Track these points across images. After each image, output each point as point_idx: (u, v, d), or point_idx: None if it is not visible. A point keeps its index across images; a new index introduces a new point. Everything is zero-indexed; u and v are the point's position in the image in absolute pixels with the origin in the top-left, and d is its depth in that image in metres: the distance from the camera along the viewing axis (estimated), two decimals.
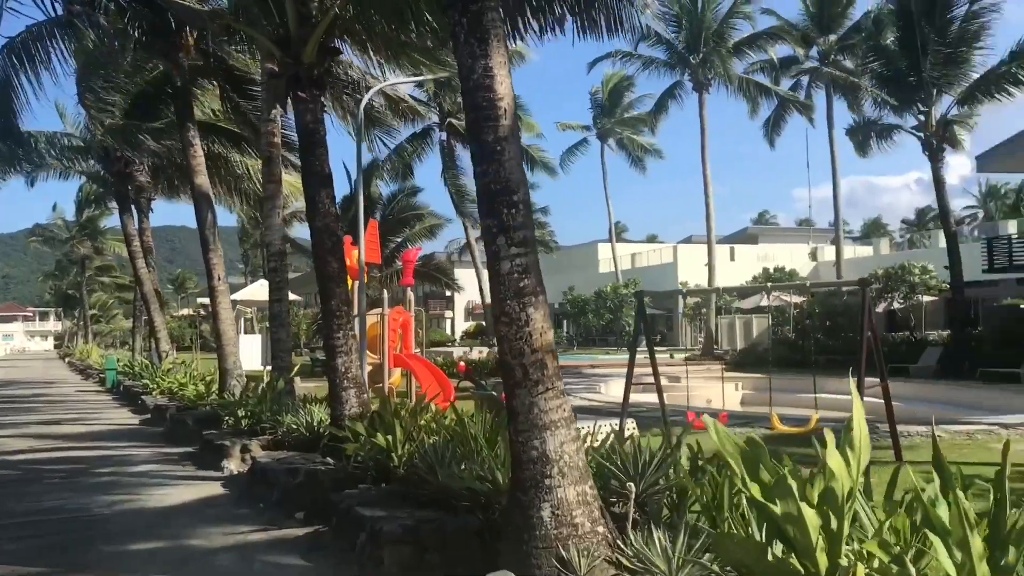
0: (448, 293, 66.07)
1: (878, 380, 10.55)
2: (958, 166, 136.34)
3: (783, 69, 37.16)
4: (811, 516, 3.60)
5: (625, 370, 33.75)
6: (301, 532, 7.75)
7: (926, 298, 38.20)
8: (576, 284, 57.04)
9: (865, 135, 27.91)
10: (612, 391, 24.98)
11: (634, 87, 51.40)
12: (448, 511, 6.50)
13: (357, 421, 9.28)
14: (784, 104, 37.42)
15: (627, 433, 12.89)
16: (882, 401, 11.02)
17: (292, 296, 25.38)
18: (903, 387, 22.68)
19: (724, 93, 35.80)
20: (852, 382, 4.87)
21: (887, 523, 3.92)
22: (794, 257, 58.16)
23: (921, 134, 25.70)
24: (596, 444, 7.45)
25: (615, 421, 13.00)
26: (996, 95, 24.19)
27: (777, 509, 3.66)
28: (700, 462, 6.11)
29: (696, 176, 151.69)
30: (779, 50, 37.42)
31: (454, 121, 33.50)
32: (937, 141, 25.23)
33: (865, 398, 10.78)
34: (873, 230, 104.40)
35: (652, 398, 24.57)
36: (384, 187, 35.46)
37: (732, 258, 58.53)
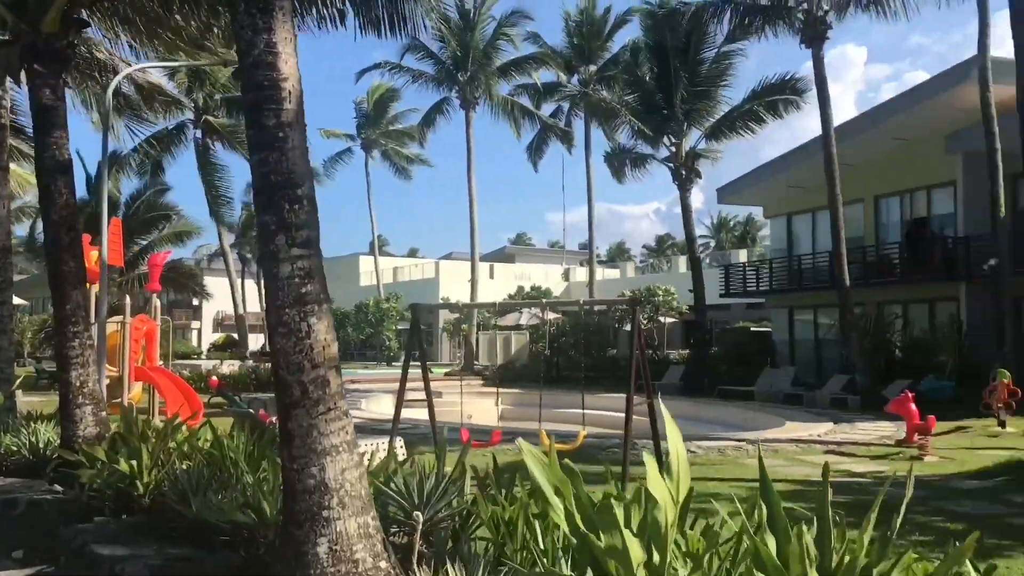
0: (196, 302, 62.40)
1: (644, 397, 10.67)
2: (694, 198, 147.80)
3: (546, 94, 38.23)
4: (636, 550, 3.28)
5: (387, 385, 33.11)
6: (20, 575, 6.59)
7: (668, 319, 40.68)
8: (336, 297, 55.51)
9: (621, 163, 29.18)
10: (374, 407, 24.36)
11: (399, 99, 51.13)
12: (205, 547, 5.69)
13: (95, 443, 8.13)
14: (546, 129, 38.52)
15: (396, 453, 12.35)
16: (643, 418, 11.20)
17: (17, 300, 22.68)
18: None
19: (491, 113, 36.32)
20: (659, 402, 4.62)
21: (706, 557, 3.68)
22: (549, 277, 60.12)
23: (672, 164, 27.19)
24: (370, 467, 6.90)
25: (380, 439, 12.45)
26: (739, 131, 26.04)
27: (601, 541, 3.31)
28: (489, 487, 5.73)
29: (459, 193, 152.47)
30: (543, 75, 38.61)
31: (211, 119, 31.58)
32: (686, 171, 26.80)
33: (610, 414, 10.98)
34: (618, 254, 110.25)
35: (417, 414, 24.19)
36: (128, 184, 32.78)
37: (492, 275, 59.56)
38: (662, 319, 38.34)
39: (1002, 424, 15.49)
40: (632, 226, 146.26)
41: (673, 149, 27.04)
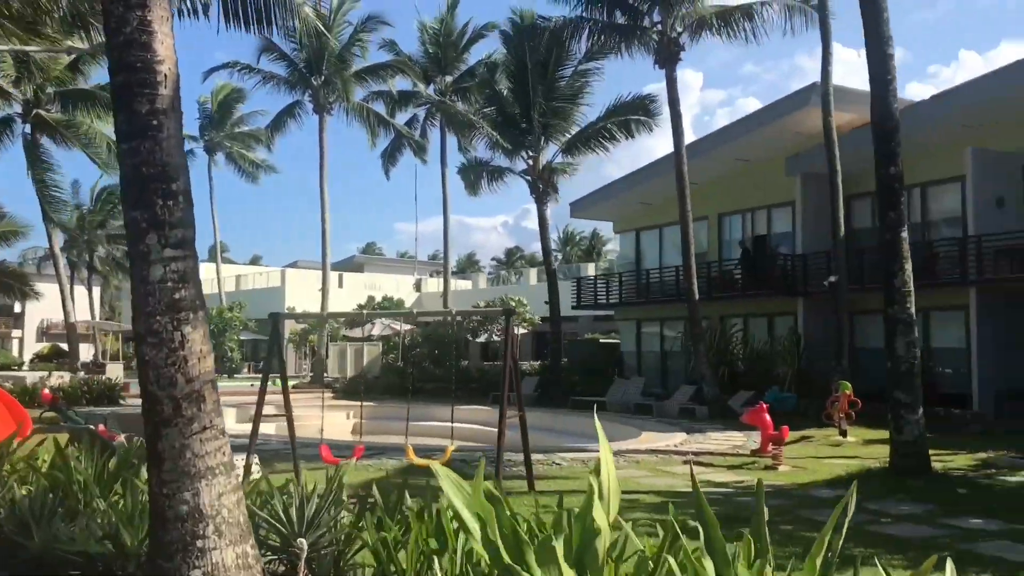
0: (17, 309, 58.14)
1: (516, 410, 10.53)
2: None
3: (402, 103, 37.78)
4: None
5: (231, 398, 31.74)
6: None
7: (521, 331, 40.91)
8: None
9: (477, 175, 29.12)
10: (228, 421, 23.16)
11: (245, 100, 49.41)
12: None
13: None
14: (400, 137, 38.04)
15: (252, 471, 11.71)
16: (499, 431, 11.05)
17: None
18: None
19: (345, 119, 35.52)
20: (596, 420, 4.42)
21: None
22: (400, 287, 59.53)
23: (529, 177, 27.35)
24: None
25: (234, 457, 11.79)
26: (594, 148, 26.48)
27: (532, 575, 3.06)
28: (372, 510, 5.37)
29: (305, 199, 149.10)
30: (400, 84, 38.17)
31: (43, 113, 29.40)
32: (543, 185, 27.01)
33: (467, 426, 10.81)
34: (468, 266, 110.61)
35: (265, 429, 23.23)
36: None
37: (341, 285, 58.39)
38: (516, 330, 38.49)
39: (843, 434, 16.25)
40: (481, 238, 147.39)
41: (531, 162, 27.19)
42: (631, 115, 25.80)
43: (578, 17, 23.23)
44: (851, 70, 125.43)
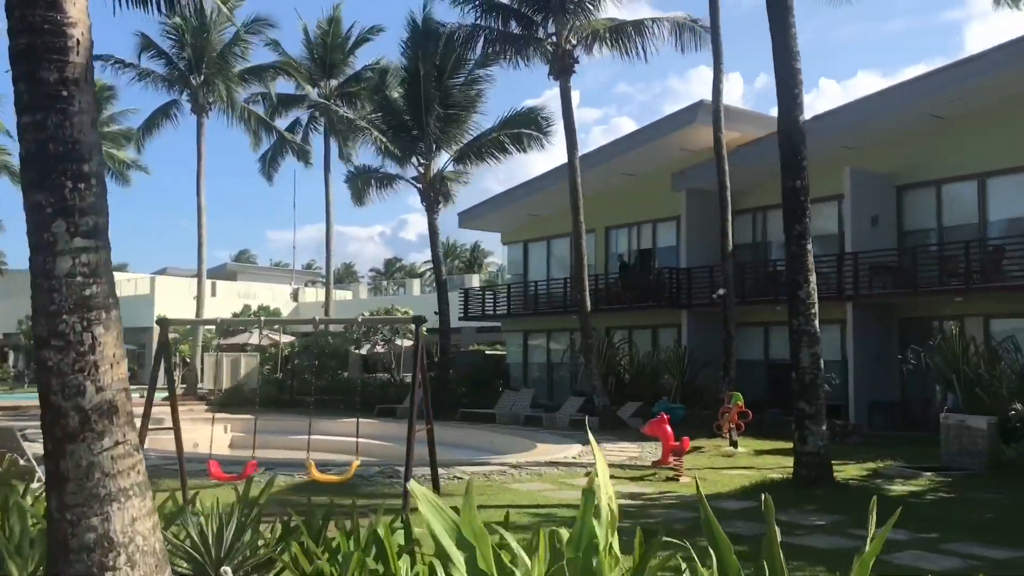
0: None
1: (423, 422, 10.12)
2: (417, 223, 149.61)
3: (285, 106, 36.69)
4: None
5: None
6: None
7: (406, 342, 40.31)
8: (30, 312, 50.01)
9: (365, 182, 28.48)
10: None
11: (116, 99, 47.04)
12: None
13: None
14: (283, 142, 36.92)
15: None
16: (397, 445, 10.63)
17: None
18: (395, 427, 23.14)
19: (226, 121, 34.17)
20: (592, 437, 4.09)
21: None
22: (276, 297, 57.90)
23: (420, 185, 26.91)
24: None
25: None
26: (486, 158, 26.28)
27: None
28: (291, 532, 4.90)
29: (175, 204, 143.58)
30: (281, 87, 37.05)
31: None
32: (434, 194, 26.62)
33: (361, 440, 10.35)
34: (346, 275, 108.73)
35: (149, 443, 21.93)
36: None
37: (214, 293, 56.26)
38: (399, 342, 37.82)
39: (734, 444, 16.49)
40: (357, 248, 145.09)
41: (422, 170, 26.76)
42: (524, 128, 25.72)
43: (473, 24, 23.01)
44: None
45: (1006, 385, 17.63)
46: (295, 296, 62.20)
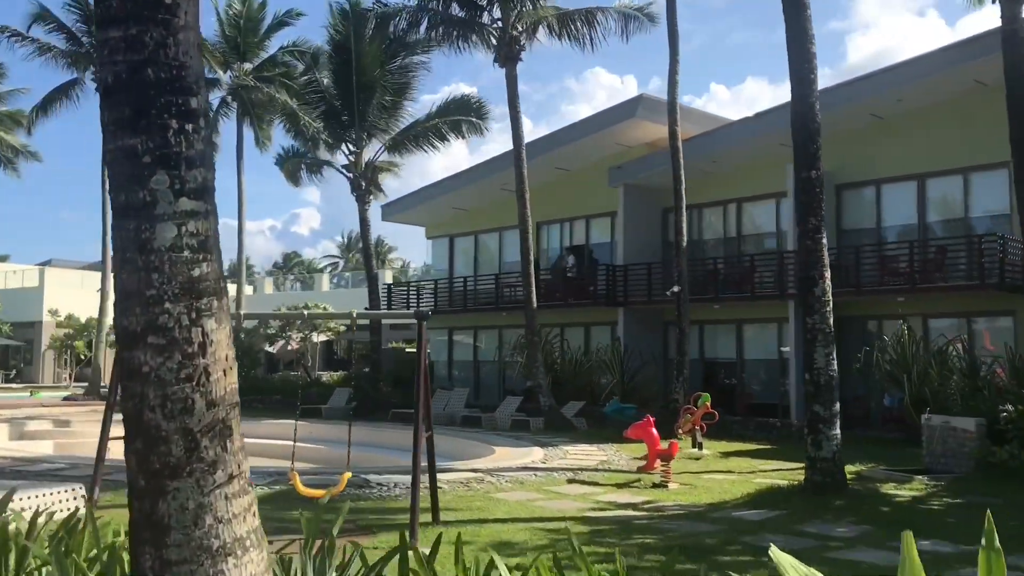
0: None
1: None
2: (309, 218, 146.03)
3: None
4: None
5: (17, 413, 27.56)
6: None
7: (322, 338, 38.79)
8: None
9: (295, 166, 27.05)
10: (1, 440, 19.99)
11: (5, 75, 43.86)
12: None
13: None
14: None
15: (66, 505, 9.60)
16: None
17: None
18: (322, 428, 21.96)
19: None
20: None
21: None
22: None
23: (351, 174, 25.66)
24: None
25: (50, 489, 9.54)
26: (422, 146, 25.23)
27: None
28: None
29: (62, 192, 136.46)
30: None
31: None
32: (365, 183, 25.41)
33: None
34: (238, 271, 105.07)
35: (45, 449, 20.09)
36: None
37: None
38: (315, 338, 36.35)
39: (699, 447, 15.98)
40: (246, 242, 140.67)
41: (352, 159, 25.51)
42: (462, 115, 24.78)
43: (416, 6, 21.95)
44: (615, 95, 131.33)
45: (955, 385, 17.82)
46: None
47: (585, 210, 29.40)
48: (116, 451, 11.69)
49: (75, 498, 9.84)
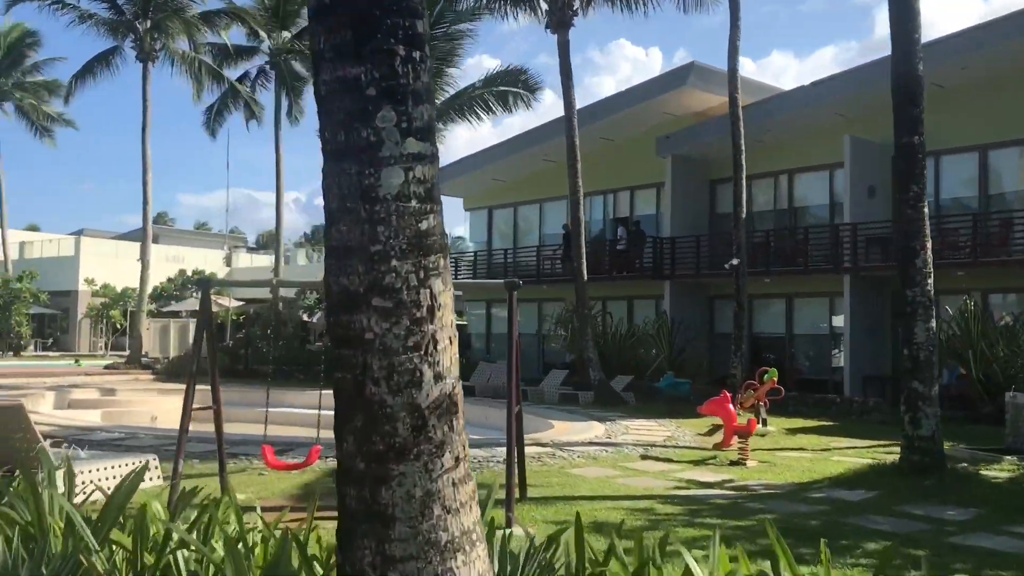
0: None
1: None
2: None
3: (236, 57, 34.22)
4: None
5: (40, 380, 27.58)
6: None
7: None
8: None
9: None
10: (42, 408, 19.81)
11: (40, 46, 43.74)
12: None
13: None
14: (233, 95, 34.49)
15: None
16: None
17: None
18: None
19: (172, 70, 31.76)
20: None
21: None
22: (208, 260, 55.25)
23: None
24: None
25: (122, 459, 9.30)
26: (467, 116, 24.75)
27: None
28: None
29: (92, 162, 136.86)
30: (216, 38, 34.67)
31: None
32: None
33: None
34: (271, 241, 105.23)
35: (93, 417, 19.89)
36: None
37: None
38: None
39: (763, 423, 15.54)
40: (270, 214, 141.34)
41: None
42: (511, 86, 24.26)
43: None
44: (639, 68, 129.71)
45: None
46: (228, 260, 59.55)
47: (630, 181, 28.87)
48: (278, 430, 11.23)
49: (148, 468, 9.64)
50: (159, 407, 22.87)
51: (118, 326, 47.70)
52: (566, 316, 26.30)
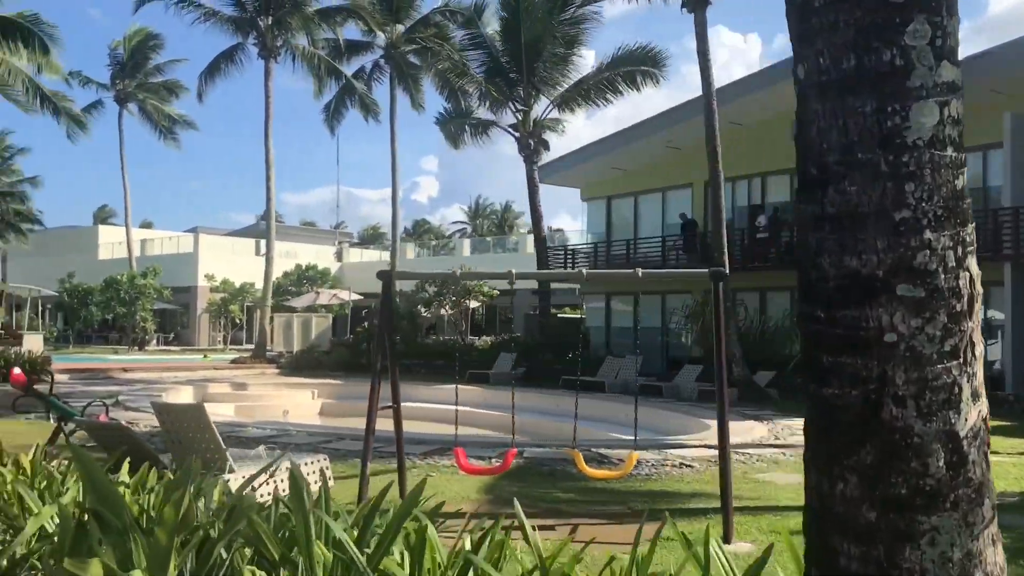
0: None
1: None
2: (428, 186, 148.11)
3: (350, 53, 34.30)
4: None
5: (174, 375, 28.03)
6: None
7: (473, 303, 38.27)
8: (77, 271, 48.47)
9: (459, 127, 26.28)
10: (184, 402, 20.00)
11: (162, 48, 44.84)
12: None
13: None
14: (349, 92, 34.58)
15: (316, 478, 8.95)
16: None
17: None
18: (499, 395, 21.27)
19: (294, 67, 32.02)
20: None
21: None
22: (320, 256, 56.06)
23: (518, 133, 24.72)
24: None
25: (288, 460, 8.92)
26: (594, 100, 24.03)
27: None
28: None
29: (203, 161, 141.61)
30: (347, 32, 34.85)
31: None
32: (534, 142, 24.43)
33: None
34: (373, 237, 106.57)
35: (224, 410, 19.88)
36: None
37: (258, 252, 54.60)
38: (467, 303, 35.82)
39: None
40: (368, 210, 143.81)
41: (519, 116, 24.52)
42: (637, 66, 23.42)
43: None
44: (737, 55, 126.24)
45: None
46: (339, 256, 60.34)
47: (762, 167, 27.62)
48: (411, 425, 10.91)
49: (318, 470, 9.25)
50: (289, 401, 22.94)
51: (236, 321, 48.73)
52: (696, 309, 25.34)
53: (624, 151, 30.47)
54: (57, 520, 4.03)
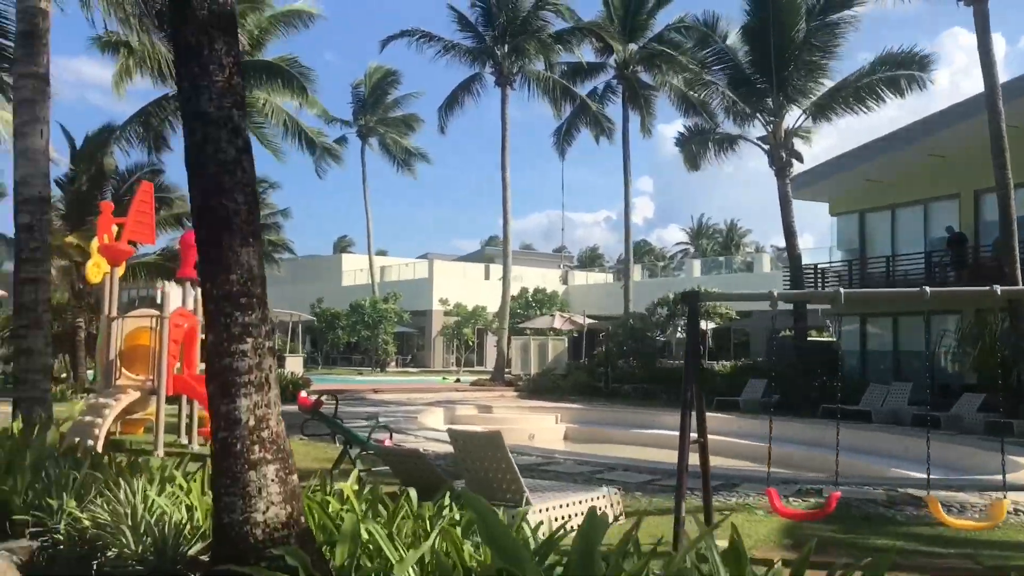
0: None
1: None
2: (643, 207, 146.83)
3: (585, 74, 34.29)
4: None
5: (422, 396, 28.73)
6: None
7: (710, 325, 37.04)
8: (324, 296, 51.55)
9: (701, 145, 25.41)
10: (433, 422, 20.43)
11: (400, 83, 46.97)
12: None
13: (285, 536, 4.04)
14: (582, 113, 34.53)
15: (604, 511, 8.42)
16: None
17: None
18: (754, 425, 20.12)
19: (528, 92, 32.41)
20: None
21: None
22: (546, 280, 56.56)
23: (767, 146, 23.50)
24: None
25: (578, 495, 8.43)
26: (853, 108, 22.45)
27: None
28: None
29: (425, 190, 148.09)
30: (566, 56, 34.85)
31: None
32: (786, 154, 23.13)
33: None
34: (591, 260, 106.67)
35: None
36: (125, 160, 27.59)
37: (487, 277, 55.91)
38: (706, 325, 34.66)
39: None
40: (583, 233, 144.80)
41: (770, 128, 23.30)
42: (901, 70, 21.67)
43: None
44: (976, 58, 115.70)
45: None
46: (564, 279, 60.68)
47: None
48: (664, 455, 10.31)
49: (612, 504, 8.71)
50: (534, 426, 22.73)
51: (469, 343, 49.93)
52: (971, 331, 22.97)
53: (877, 162, 28.37)
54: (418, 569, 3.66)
